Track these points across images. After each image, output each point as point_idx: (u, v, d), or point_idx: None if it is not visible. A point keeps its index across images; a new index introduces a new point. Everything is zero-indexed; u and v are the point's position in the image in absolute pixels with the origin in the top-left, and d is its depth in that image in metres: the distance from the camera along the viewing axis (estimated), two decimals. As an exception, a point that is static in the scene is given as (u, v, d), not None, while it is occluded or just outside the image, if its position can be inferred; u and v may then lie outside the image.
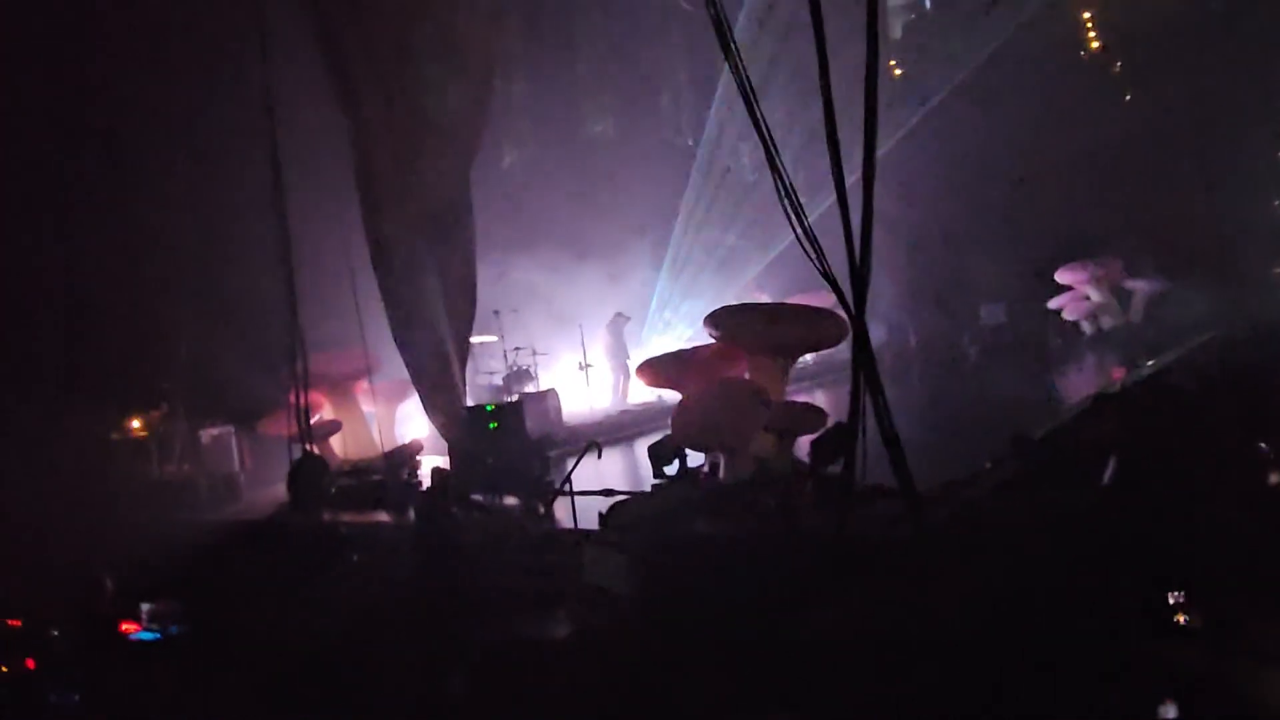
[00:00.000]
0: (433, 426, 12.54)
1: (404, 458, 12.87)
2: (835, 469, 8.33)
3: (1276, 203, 22.51)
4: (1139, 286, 19.95)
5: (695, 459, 10.16)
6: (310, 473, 12.11)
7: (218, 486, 13.29)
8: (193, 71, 12.36)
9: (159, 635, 8.01)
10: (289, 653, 7.29)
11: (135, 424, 13.65)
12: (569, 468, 9.65)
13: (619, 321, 17.50)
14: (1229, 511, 6.61)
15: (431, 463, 12.34)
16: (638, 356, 15.83)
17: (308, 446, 12.39)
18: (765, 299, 17.98)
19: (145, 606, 8.07)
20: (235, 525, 11.46)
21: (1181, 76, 20.55)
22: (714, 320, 11.09)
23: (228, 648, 7.69)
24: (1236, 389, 11.82)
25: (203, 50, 12.47)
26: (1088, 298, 20.03)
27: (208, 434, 13.74)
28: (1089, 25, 23.37)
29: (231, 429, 13.83)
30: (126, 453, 13.43)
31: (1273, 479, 7.50)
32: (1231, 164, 20.80)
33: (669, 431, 10.19)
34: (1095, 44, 23.44)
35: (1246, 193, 21.18)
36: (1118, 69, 23.53)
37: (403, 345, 11.99)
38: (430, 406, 12.24)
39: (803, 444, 9.55)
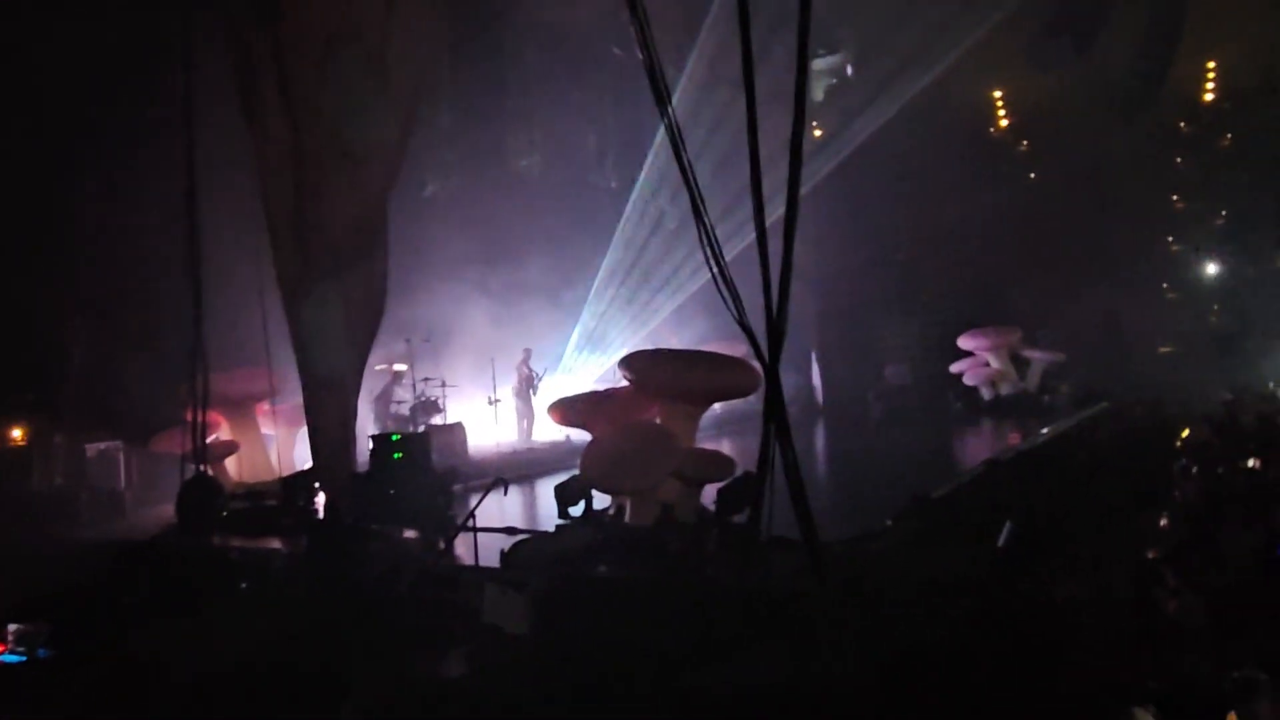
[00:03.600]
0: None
1: (302, 484, 12.52)
2: (740, 518, 8.40)
3: (1164, 285, 23.75)
4: (1036, 356, 20.73)
5: (601, 501, 10.11)
6: (201, 494, 11.69)
7: (100, 503, 12.72)
8: (108, 77, 11.97)
9: (24, 658, 7.58)
10: (166, 684, 6.96)
11: (15, 433, 13.02)
12: (473, 503, 9.51)
13: (526, 357, 17.49)
14: (1113, 575, 6.85)
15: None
16: (550, 395, 15.79)
17: (201, 467, 11.96)
18: (680, 345, 18.15)
19: (12, 627, 7.63)
20: (116, 545, 10.95)
21: (1081, 162, 21.67)
22: (628, 363, 11.11)
23: (98, 676, 7.30)
24: (1123, 458, 12.35)
25: (120, 56, 12.08)
26: (988, 364, 20.71)
27: (93, 448, 13.18)
28: (998, 104, 24.44)
29: (119, 444, 13.30)
30: (4, 463, 12.77)
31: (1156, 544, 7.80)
32: (1125, 248, 21.96)
33: (576, 472, 10.14)
34: (1003, 122, 24.52)
35: (1138, 275, 22.35)
36: (1024, 147, 24.65)
37: (302, 371, 11.74)
38: (314, 437, 11.95)
39: (709, 492, 9.60)
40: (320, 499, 11.89)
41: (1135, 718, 4.44)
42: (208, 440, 12.37)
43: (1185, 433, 13.62)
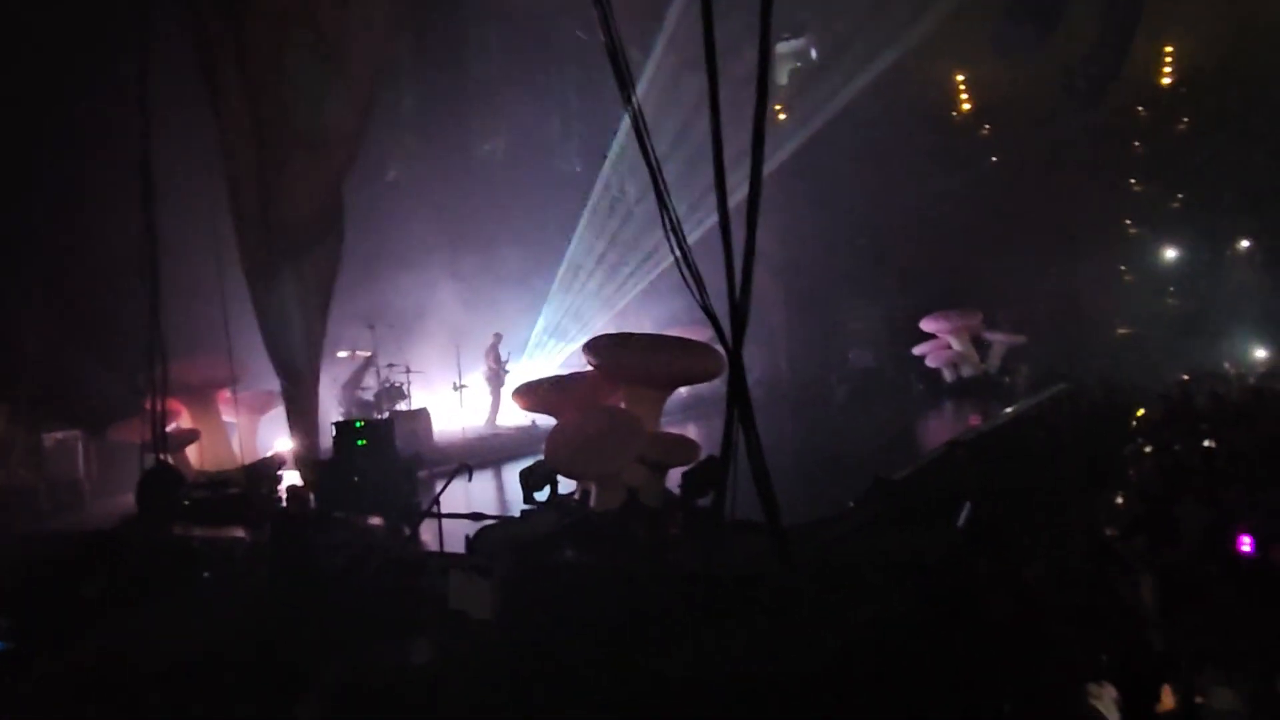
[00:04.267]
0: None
1: (265, 471, 12.39)
2: (705, 502, 8.45)
3: (1122, 268, 24.10)
4: (997, 339, 20.99)
5: (566, 486, 10.12)
6: (161, 483, 11.53)
7: (59, 494, 12.53)
8: (63, 65, 11.71)
9: (-17, 652, 7.48)
10: (128, 675, 6.90)
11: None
12: (438, 489, 9.48)
13: (496, 342, 17.43)
14: (1071, 554, 6.98)
15: (294, 478, 11.94)
16: (514, 380, 15.75)
17: (161, 456, 11.81)
18: (645, 329, 18.15)
19: (-30, 620, 7.54)
20: (76, 536, 10.80)
21: (1040, 146, 21.91)
22: (593, 348, 11.10)
23: (59, 668, 7.22)
24: (1081, 438, 12.55)
25: (75, 44, 11.83)
26: (949, 347, 20.92)
27: (51, 438, 12.96)
28: (961, 88, 24.60)
29: (78, 433, 13.09)
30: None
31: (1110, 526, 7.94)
32: (1083, 231, 22.27)
33: (541, 457, 10.13)
34: (965, 106, 24.68)
35: (1096, 258, 22.67)
36: (986, 131, 24.85)
37: (270, 356, 11.73)
38: (291, 422, 11.95)
39: (674, 476, 9.64)
40: (283, 487, 11.81)
41: (1090, 693, 4.54)
42: (168, 429, 12.22)
43: (1141, 413, 13.87)
